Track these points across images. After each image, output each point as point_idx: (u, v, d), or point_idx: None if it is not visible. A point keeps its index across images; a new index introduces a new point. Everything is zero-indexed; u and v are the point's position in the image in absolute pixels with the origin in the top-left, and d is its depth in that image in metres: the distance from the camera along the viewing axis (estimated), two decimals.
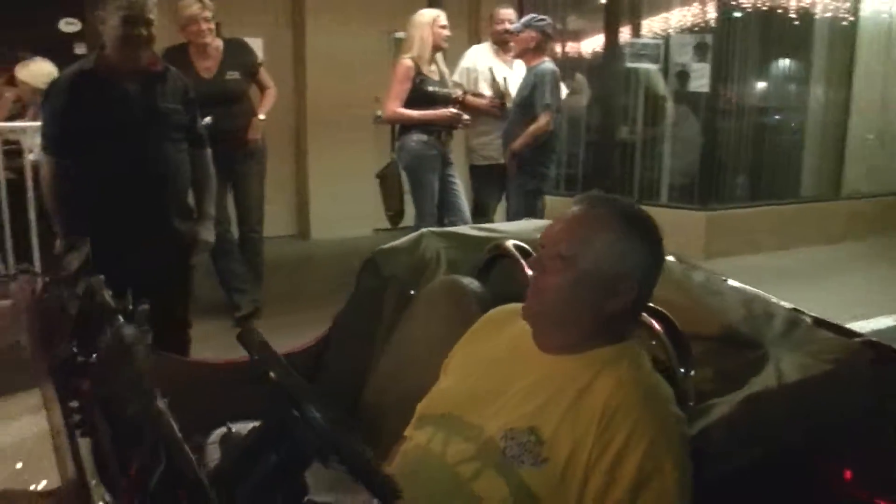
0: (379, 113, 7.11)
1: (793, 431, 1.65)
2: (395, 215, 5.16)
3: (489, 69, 5.27)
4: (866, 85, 8.39)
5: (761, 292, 2.36)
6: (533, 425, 1.42)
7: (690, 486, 1.38)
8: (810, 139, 8.20)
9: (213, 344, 3.76)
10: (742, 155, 7.47)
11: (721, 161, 7.27)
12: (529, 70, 4.99)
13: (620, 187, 7.47)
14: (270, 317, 4.88)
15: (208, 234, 3.31)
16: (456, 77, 5.26)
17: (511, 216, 5.14)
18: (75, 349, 1.50)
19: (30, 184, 4.22)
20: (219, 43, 4.60)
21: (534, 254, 2.19)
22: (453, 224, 5.03)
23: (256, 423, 1.33)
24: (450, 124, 4.92)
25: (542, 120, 4.89)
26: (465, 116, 4.94)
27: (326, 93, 6.96)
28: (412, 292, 2.43)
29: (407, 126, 4.93)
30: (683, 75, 7.07)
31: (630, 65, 7.29)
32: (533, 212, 5.11)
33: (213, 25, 4.50)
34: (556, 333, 1.51)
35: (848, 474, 1.81)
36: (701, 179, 7.20)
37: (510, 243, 2.29)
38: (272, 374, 1.23)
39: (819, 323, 1.95)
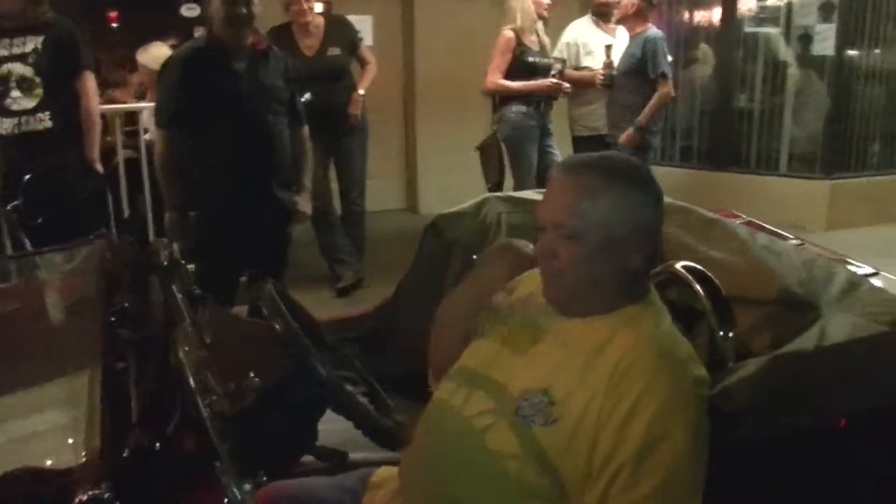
0: None
1: (836, 396, 1.59)
2: (495, 187, 5.17)
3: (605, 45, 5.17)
4: None
5: (833, 254, 2.27)
6: (546, 386, 1.42)
7: (705, 452, 1.35)
8: None
9: (314, 313, 3.90)
10: (871, 121, 7.01)
11: (847, 128, 6.87)
12: (634, 38, 4.89)
13: (737, 157, 7.20)
14: (371, 287, 5.01)
15: (306, 205, 3.52)
16: (557, 52, 5.21)
17: None
18: (127, 304, 1.62)
19: (145, 161, 4.50)
20: (320, 21, 4.73)
21: None
22: None
23: None
24: (550, 94, 4.89)
25: (664, 88, 4.83)
26: (566, 86, 4.89)
27: (436, 67, 7.02)
28: (474, 257, 2.46)
29: (506, 97, 4.94)
30: (806, 38, 6.72)
31: (749, 29, 6.98)
32: None
33: (313, 4, 4.63)
34: (584, 305, 1.49)
35: None
36: (825, 147, 6.84)
37: None
38: (278, 329, 1.30)
39: None
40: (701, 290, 1.76)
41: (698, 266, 1.83)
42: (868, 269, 2.23)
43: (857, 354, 1.60)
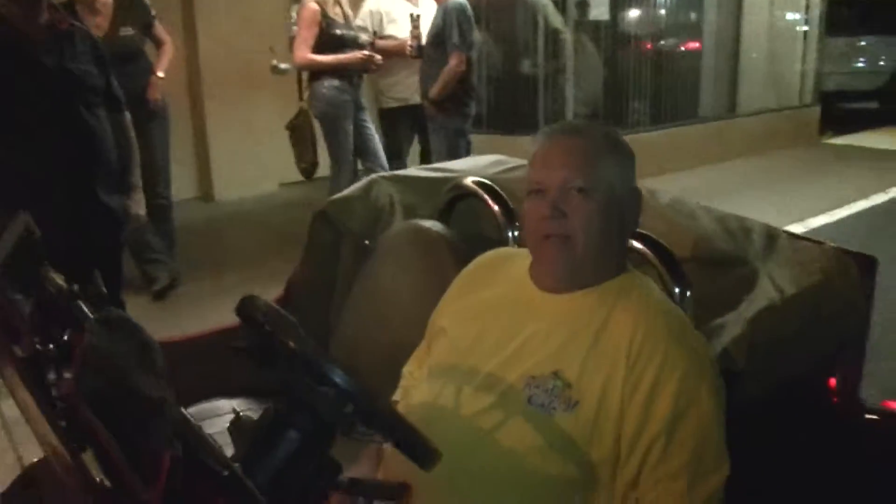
0: (275, 62, 6.80)
1: (803, 346, 1.66)
2: (310, 167, 4.97)
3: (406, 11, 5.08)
4: (755, 8, 8.64)
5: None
6: (556, 369, 1.35)
7: (724, 411, 1.34)
8: (706, 62, 8.36)
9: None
10: (643, 81, 7.55)
11: (623, 88, 7.34)
12: (441, 6, 4.84)
13: (524, 121, 7.43)
14: (188, 286, 4.67)
15: (138, 206, 3.06)
16: (359, 21, 5.04)
17: (434, 157, 5.02)
18: (39, 346, 1.33)
19: None
20: None
21: (498, 190, 2.11)
22: (370, 171, 4.89)
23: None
24: (363, 67, 4.75)
25: (453, 61, 4.77)
26: (378, 58, 4.76)
27: (220, 44, 6.58)
28: (366, 243, 2.31)
29: (317, 72, 4.73)
30: (583, 4, 7.05)
31: None
32: (457, 152, 5.01)
33: None
34: (584, 274, 1.42)
35: (832, 382, 1.83)
36: (605, 107, 7.26)
37: (470, 181, 2.19)
38: (291, 344, 1.12)
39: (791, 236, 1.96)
40: (650, 253, 1.75)
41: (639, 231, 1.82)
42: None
43: (815, 303, 1.67)
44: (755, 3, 8.71)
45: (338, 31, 4.68)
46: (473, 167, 2.41)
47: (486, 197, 2.10)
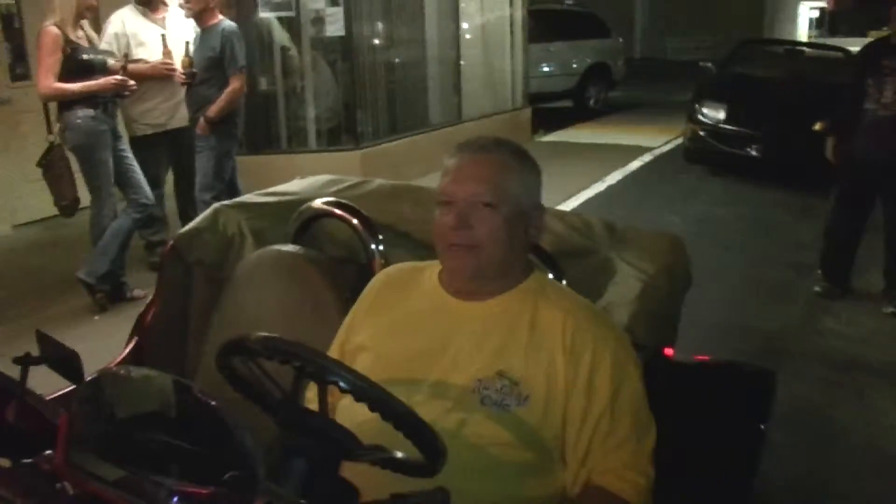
0: None
1: (670, 317, 1.92)
2: (72, 203, 4.61)
3: (160, 35, 4.89)
4: (468, 18, 9.28)
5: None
6: (500, 370, 1.48)
7: None
8: (433, 72, 8.79)
9: None
10: (379, 93, 7.81)
11: (361, 101, 7.53)
12: (210, 29, 4.77)
13: (269, 140, 7.39)
14: None
15: None
16: (105, 45, 4.76)
17: (200, 179, 4.89)
18: None
19: None
20: None
21: (356, 208, 2.18)
22: (135, 202, 4.65)
23: None
24: (116, 93, 4.50)
25: (237, 83, 4.84)
26: (132, 83, 4.53)
27: None
28: (219, 274, 2.27)
29: (67, 102, 4.40)
30: (319, 21, 7.13)
31: (264, 14, 7.13)
32: (222, 173, 4.93)
33: None
34: (493, 280, 1.55)
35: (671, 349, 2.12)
36: (348, 121, 7.43)
37: (322, 202, 2.24)
38: (296, 363, 1.16)
39: None
40: None
41: None
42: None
43: (668, 284, 1.94)
44: (468, 14, 9.31)
45: (85, 56, 4.41)
46: (311, 188, 2.44)
47: (345, 216, 2.16)
